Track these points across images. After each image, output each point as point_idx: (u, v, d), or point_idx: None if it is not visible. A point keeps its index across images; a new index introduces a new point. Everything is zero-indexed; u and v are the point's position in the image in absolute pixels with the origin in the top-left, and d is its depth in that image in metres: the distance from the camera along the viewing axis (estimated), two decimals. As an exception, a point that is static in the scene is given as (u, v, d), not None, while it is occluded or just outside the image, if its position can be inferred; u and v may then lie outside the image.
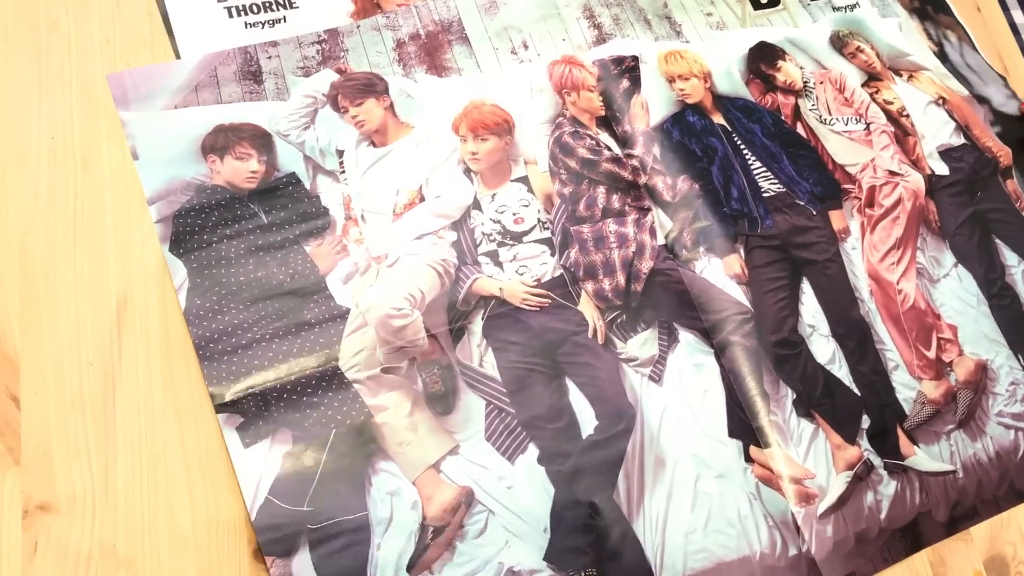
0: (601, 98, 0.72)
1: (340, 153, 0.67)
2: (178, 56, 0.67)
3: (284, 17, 0.71)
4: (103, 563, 0.53)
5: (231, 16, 0.70)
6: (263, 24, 0.71)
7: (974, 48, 0.83)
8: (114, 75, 0.66)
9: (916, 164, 0.76)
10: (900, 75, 0.81)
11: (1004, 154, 0.78)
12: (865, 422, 0.66)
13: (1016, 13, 0.84)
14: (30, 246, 0.60)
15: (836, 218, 0.72)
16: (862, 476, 0.64)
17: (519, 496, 0.59)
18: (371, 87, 0.69)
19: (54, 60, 0.66)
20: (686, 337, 0.66)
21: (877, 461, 0.64)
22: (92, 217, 0.62)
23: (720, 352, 0.65)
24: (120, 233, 0.62)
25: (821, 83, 0.78)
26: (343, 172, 0.66)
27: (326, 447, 0.58)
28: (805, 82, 0.78)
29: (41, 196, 0.62)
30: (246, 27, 0.70)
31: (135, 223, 0.62)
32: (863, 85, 0.79)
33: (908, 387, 0.68)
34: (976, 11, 0.87)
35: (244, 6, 0.71)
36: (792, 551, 0.60)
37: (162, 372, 0.58)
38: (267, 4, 0.71)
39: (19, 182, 0.62)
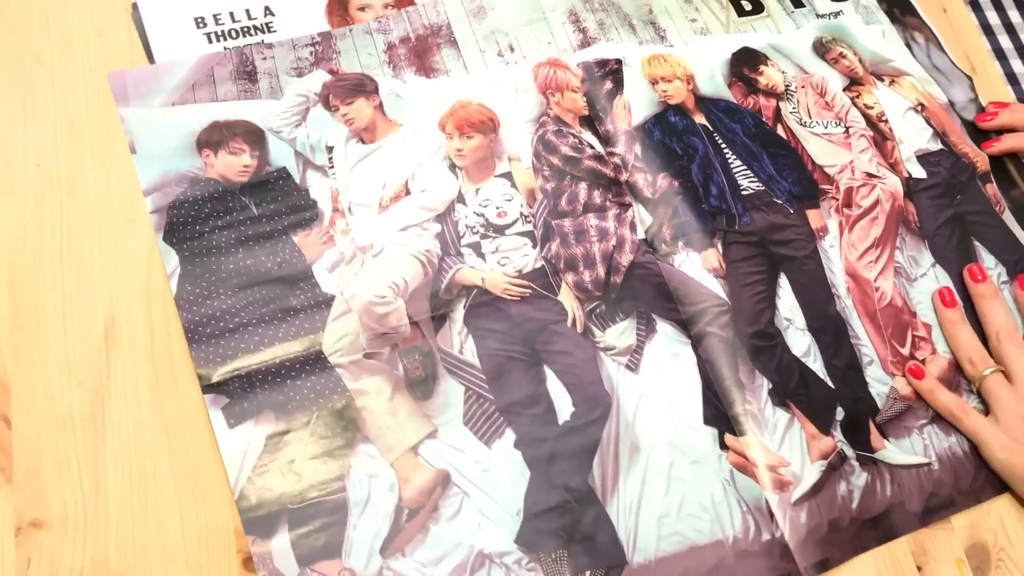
0: (585, 99, 0.75)
1: (330, 149, 0.69)
2: None
3: (262, 41, 0.74)
4: (95, 577, 0.55)
5: (210, 42, 0.73)
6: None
7: (941, 49, 0.85)
8: (115, 73, 0.69)
9: (894, 167, 0.77)
10: (882, 80, 0.82)
11: (981, 159, 0.79)
12: (839, 414, 0.67)
13: (991, 14, 0.86)
14: (18, 271, 0.63)
15: (814, 217, 0.74)
16: (836, 466, 0.65)
17: (495, 479, 0.61)
18: (361, 87, 0.72)
19: (38, 90, 0.69)
20: (664, 328, 0.67)
21: (850, 452, 0.65)
22: (79, 242, 0.64)
23: (697, 342, 0.66)
24: (106, 257, 0.64)
25: (803, 87, 0.80)
26: (332, 167, 0.69)
27: (308, 429, 0.60)
28: (787, 86, 0.79)
29: (28, 222, 0.64)
30: (225, 52, 0.73)
31: (121, 247, 0.64)
32: (845, 90, 0.81)
33: (881, 382, 0.69)
34: (942, 12, 0.88)
35: (223, 32, 0.73)
36: (765, 536, 0.61)
37: (150, 390, 0.60)
38: (246, 29, 0.74)
39: (6, 209, 0.65)
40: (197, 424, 0.59)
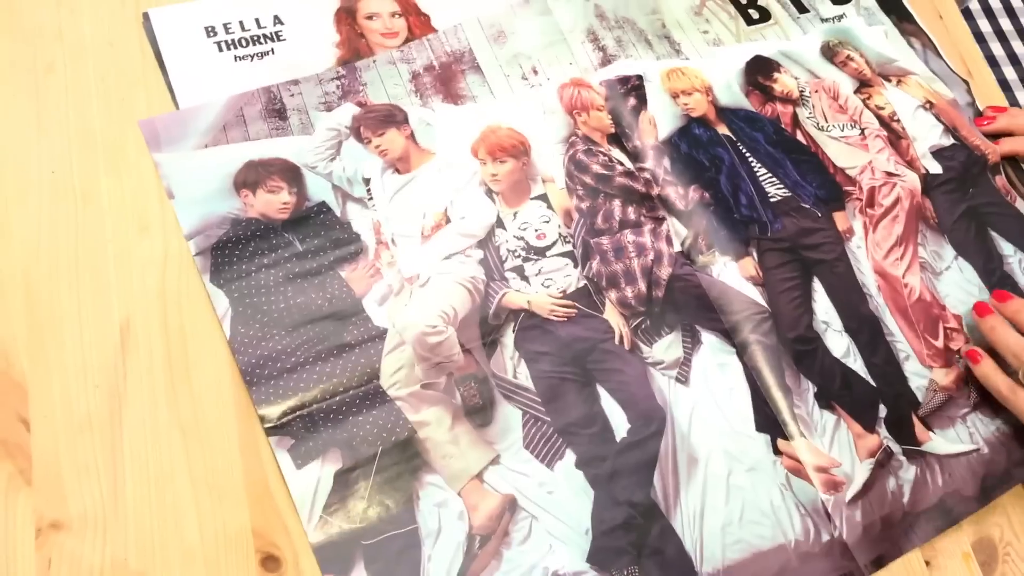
0: (610, 116, 0.76)
1: (367, 181, 0.70)
2: (171, 91, 0.70)
3: (272, 50, 0.74)
4: (115, 577, 0.56)
5: (220, 50, 0.73)
6: (252, 57, 0.74)
7: (938, 54, 0.87)
8: (145, 121, 0.68)
9: (911, 165, 0.79)
10: (889, 80, 0.84)
11: (991, 151, 0.82)
12: (882, 411, 0.69)
13: (982, 22, 0.88)
14: (34, 277, 0.63)
15: (840, 219, 0.76)
16: (883, 463, 0.66)
17: (560, 500, 0.61)
18: (391, 118, 0.72)
19: (52, 99, 0.69)
20: (708, 338, 0.69)
21: (896, 448, 0.67)
22: (93, 247, 0.65)
23: (742, 351, 0.68)
24: (121, 262, 0.64)
25: (816, 92, 0.82)
26: (371, 199, 0.69)
27: (374, 464, 0.60)
28: (801, 91, 0.81)
29: (43, 229, 0.65)
30: (235, 60, 0.73)
31: (135, 252, 0.65)
32: (855, 92, 0.83)
33: (920, 376, 0.70)
34: (938, 19, 0.91)
35: (233, 41, 0.74)
36: (825, 537, 0.63)
37: (166, 392, 0.61)
38: (255, 38, 0.74)
39: (21, 216, 0.65)
40: (213, 426, 0.60)
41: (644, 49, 0.81)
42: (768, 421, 0.66)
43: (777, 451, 0.65)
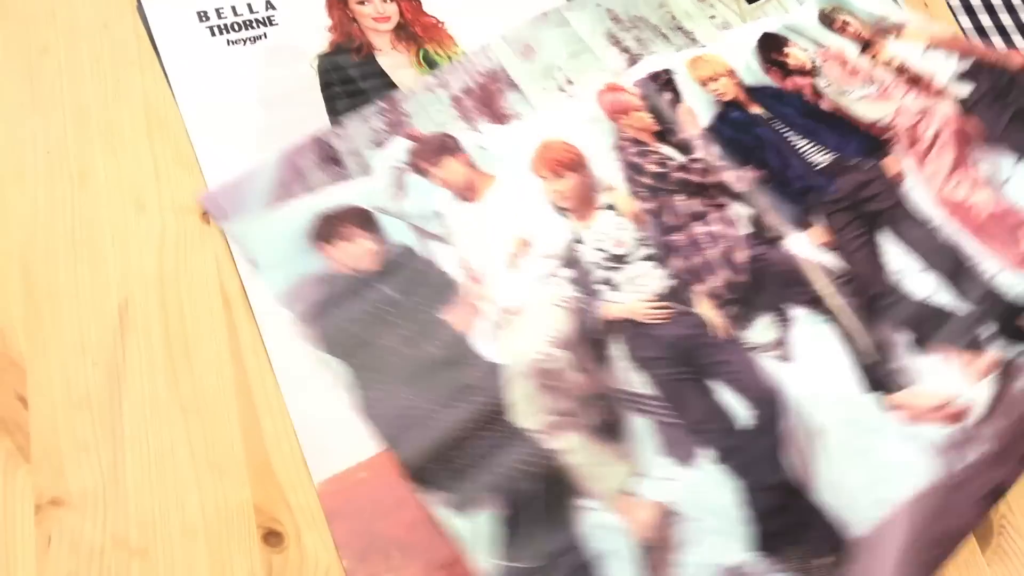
0: (651, 115, 0.76)
1: (438, 215, 0.68)
2: (166, 75, 0.70)
3: (265, 34, 0.74)
4: (116, 554, 0.55)
5: (213, 35, 0.73)
6: (244, 41, 0.73)
7: None
8: (206, 195, 0.66)
9: (939, 96, 0.83)
10: (889, 34, 0.88)
11: (1014, 58, 0.85)
12: (990, 329, 0.70)
13: (963, 19, 0.93)
14: (31, 256, 0.62)
15: (890, 164, 0.78)
16: (1006, 371, 0.69)
17: (709, 497, 0.62)
18: (445, 147, 0.71)
19: (46, 80, 0.68)
20: (798, 313, 0.70)
21: (1013, 352, 0.69)
22: (90, 227, 0.64)
23: (832, 318, 0.70)
24: (118, 241, 0.64)
25: (826, 61, 0.85)
26: (448, 233, 0.68)
27: (531, 500, 0.59)
28: (813, 62, 0.84)
29: (40, 208, 0.64)
30: (228, 44, 0.73)
31: (132, 232, 0.64)
32: (861, 52, 0.86)
33: (1019, 283, 0.73)
34: (924, 6, 0.95)
35: (225, 25, 0.74)
36: (960, 465, 0.65)
37: (165, 370, 0.60)
38: (247, 23, 0.74)
39: (18, 196, 0.64)
40: (213, 403, 0.60)
41: (662, 43, 0.82)
42: (874, 380, 0.68)
43: (890, 406, 0.67)
